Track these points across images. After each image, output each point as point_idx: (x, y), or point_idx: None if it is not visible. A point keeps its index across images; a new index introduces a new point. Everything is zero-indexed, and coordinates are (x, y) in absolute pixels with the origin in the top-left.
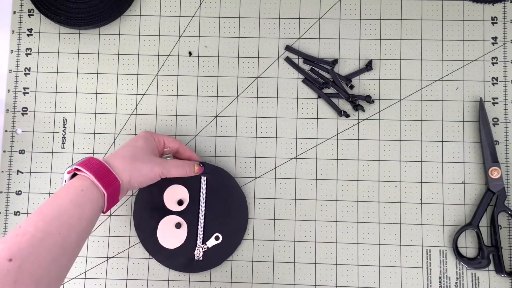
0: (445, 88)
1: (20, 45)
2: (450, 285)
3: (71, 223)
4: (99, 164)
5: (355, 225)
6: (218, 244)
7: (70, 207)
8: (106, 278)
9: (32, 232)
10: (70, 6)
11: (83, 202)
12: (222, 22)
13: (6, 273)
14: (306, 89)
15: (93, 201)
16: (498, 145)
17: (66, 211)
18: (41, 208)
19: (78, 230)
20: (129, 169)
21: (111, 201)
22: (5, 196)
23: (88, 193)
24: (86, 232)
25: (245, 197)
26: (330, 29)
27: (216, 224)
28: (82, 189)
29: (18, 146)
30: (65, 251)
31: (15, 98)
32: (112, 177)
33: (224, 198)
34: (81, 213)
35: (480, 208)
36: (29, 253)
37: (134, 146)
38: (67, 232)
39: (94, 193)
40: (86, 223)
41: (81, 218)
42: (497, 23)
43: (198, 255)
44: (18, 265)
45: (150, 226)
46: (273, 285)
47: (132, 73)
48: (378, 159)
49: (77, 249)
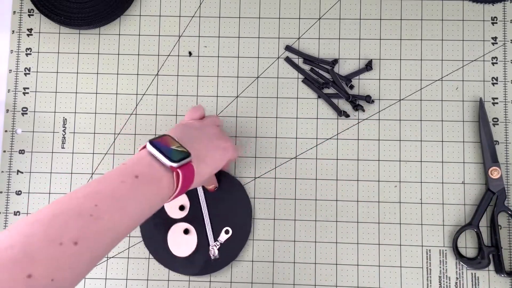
0: (445, 88)
1: (20, 45)
2: (450, 285)
3: (140, 221)
4: (189, 183)
5: (355, 225)
6: (230, 237)
7: (148, 208)
8: (106, 278)
9: (105, 221)
10: (70, 6)
11: (158, 206)
12: (222, 22)
13: (69, 256)
14: (306, 89)
15: (163, 203)
16: (498, 145)
17: (143, 212)
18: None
19: (138, 225)
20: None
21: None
22: (5, 196)
23: (164, 201)
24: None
25: (242, 185)
26: (330, 29)
27: (222, 219)
28: (163, 198)
29: (18, 146)
30: (116, 243)
31: (15, 98)
32: (187, 187)
33: (223, 192)
34: (148, 215)
35: (480, 208)
36: (94, 241)
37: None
38: (132, 227)
39: (169, 197)
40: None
41: (145, 219)
42: (497, 23)
43: (213, 254)
44: (81, 252)
45: (159, 240)
46: (273, 285)
47: (132, 73)
48: (378, 159)
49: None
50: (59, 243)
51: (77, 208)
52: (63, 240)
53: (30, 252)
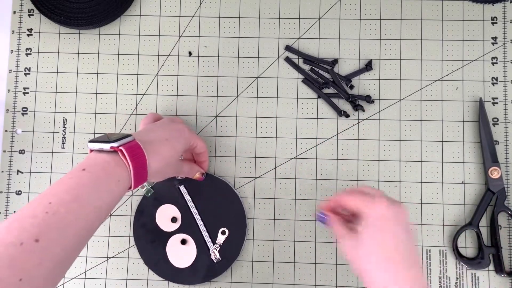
0: (445, 88)
1: (20, 45)
2: (450, 285)
3: (101, 209)
4: (142, 160)
5: None
6: (228, 237)
7: (105, 195)
8: (106, 278)
9: (62, 214)
10: (70, 6)
11: (117, 192)
12: (222, 22)
13: (31, 254)
14: (306, 89)
15: (123, 192)
16: (498, 145)
17: (100, 199)
18: (73, 185)
19: (103, 216)
20: (159, 172)
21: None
22: (5, 196)
23: (123, 185)
24: (105, 219)
25: (227, 183)
26: (330, 29)
27: (216, 222)
28: (119, 179)
29: (18, 146)
30: (88, 235)
31: (15, 98)
32: (144, 178)
33: (210, 195)
34: (111, 201)
35: (480, 208)
36: (56, 236)
37: (175, 149)
38: (94, 218)
39: (127, 185)
40: (110, 210)
41: (110, 206)
42: (497, 23)
43: (215, 256)
44: (44, 247)
45: (159, 255)
46: (273, 285)
47: (132, 73)
48: (378, 159)
49: (94, 232)
50: (20, 244)
51: (31, 210)
52: (23, 240)
53: None
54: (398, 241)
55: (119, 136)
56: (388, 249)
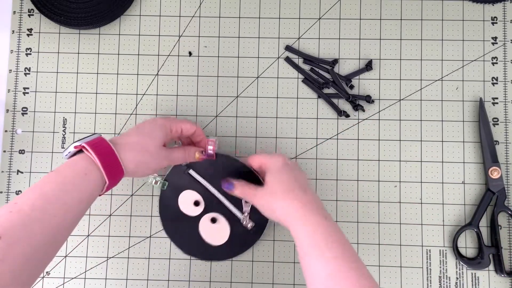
0: (445, 88)
1: (20, 45)
2: (450, 285)
3: (69, 204)
4: (109, 151)
5: (355, 225)
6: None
7: (71, 188)
8: (106, 278)
9: (27, 211)
10: (70, 6)
11: (84, 186)
12: (222, 22)
13: None
14: (306, 89)
15: (94, 186)
16: (498, 145)
17: (66, 193)
18: (40, 185)
19: (75, 212)
20: (137, 161)
21: (110, 187)
22: (5, 196)
23: (91, 178)
24: (81, 214)
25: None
26: (330, 29)
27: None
28: (86, 172)
29: (18, 146)
30: (59, 232)
31: (15, 98)
32: (118, 169)
33: (221, 170)
34: (81, 196)
35: (480, 208)
36: (21, 232)
37: (148, 136)
38: (63, 213)
39: (97, 178)
40: (83, 206)
41: (80, 201)
42: (497, 23)
43: (247, 223)
44: (7, 244)
45: (196, 241)
46: (273, 285)
47: (132, 73)
48: (378, 159)
49: (70, 230)
50: None
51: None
52: None
53: None
54: (295, 176)
55: (85, 137)
56: (289, 181)
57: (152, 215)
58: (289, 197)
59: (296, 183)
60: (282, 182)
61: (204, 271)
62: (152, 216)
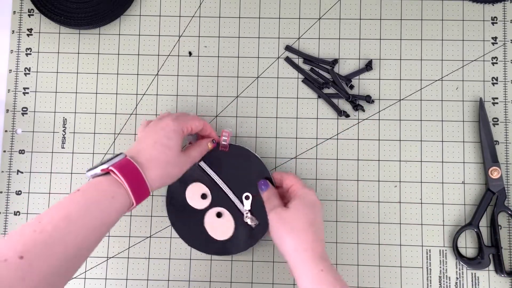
0: (445, 88)
1: (20, 45)
2: (450, 285)
3: (93, 226)
4: (137, 174)
5: (355, 225)
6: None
7: (96, 211)
8: (106, 278)
9: (50, 232)
10: (70, 6)
11: (111, 209)
12: (222, 22)
13: (15, 270)
14: (306, 89)
15: (121, 208)
16: (498, 145)
17: (91, 214)
18: (65, 204)
19: (97, 233)
20: (162, 177)
21: (135, 207)
22: (5, 196)
23: (119, 201)
24: (104, 234)
25: (248, 149)
26: (330, 29)
27: (245, 187)
28: (113, 196)
29: (18, 146)
30: (80, 252)
31: (15, 98)
32: (145, 190)
33: (232, 163)
34: (106, 219)
35: (480, 208)
36: (42, 252)
37: (167, 147)
38: (86, 235)
39: (124, 201)
40: (107, 228)
41: (103, 223)
42: (497, 23)
43: (251, 221)
44: (28, 264)
45: (201, 235)
46: (273, 285)
47: (132, 73)
48: (378, 159)
49: (92, 249)
50: (4, 260)
51: (21, 229)
52: (7, 257)
53: None
54: (315, 220)
55: (110, 158)
56: (307, 221)
57: (152, 215)
58: (304, 241)
59: (316, 227)
60: (306, 220)
61: (204, 271)
62: (152, 216)
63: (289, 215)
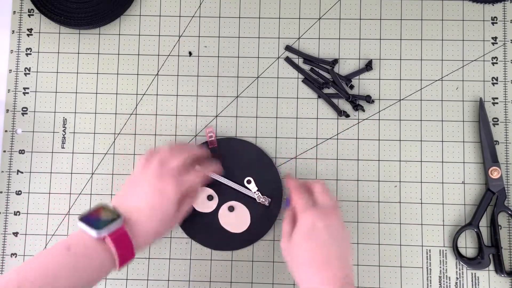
0: (445, 88)
1: (20, 45)
2: (450, 285)
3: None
4: (129, 247)
5: (355, 225)
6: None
7: (83, 275)
8: (106, 278)
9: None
10: (70, 6)
11: (97, 273)
12: (222, 22)
13: None
14: (306, 89)
15: (104, 274)
16: (498, 145)
17: (77, 278)
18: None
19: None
20: (151, 241)
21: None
22: (5, 196)
23: (105, 267)
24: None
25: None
26: (330, 29)
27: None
28: (103, 265)
29: (18, 146)
30: None
31: (15, 98)
32: (131, 257)
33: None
34: (91, 281)
35: (480, 208)
36: None
37: (165, 215)
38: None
39: (110, 267)
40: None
41: (89, 284)
42: (497, 23)
43: (264, 200)
44: None
45: (219, 234)
46: (273, 285)
47: (132, 73)
48: (378, 159)
49: None
50: None
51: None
52: None
53: None
54: (321, 247)
55: (108, 217)
56: (311, 253)
57: None
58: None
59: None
60: (305, 250)
61: (204, 271)
62: None
63: (292, 249)
